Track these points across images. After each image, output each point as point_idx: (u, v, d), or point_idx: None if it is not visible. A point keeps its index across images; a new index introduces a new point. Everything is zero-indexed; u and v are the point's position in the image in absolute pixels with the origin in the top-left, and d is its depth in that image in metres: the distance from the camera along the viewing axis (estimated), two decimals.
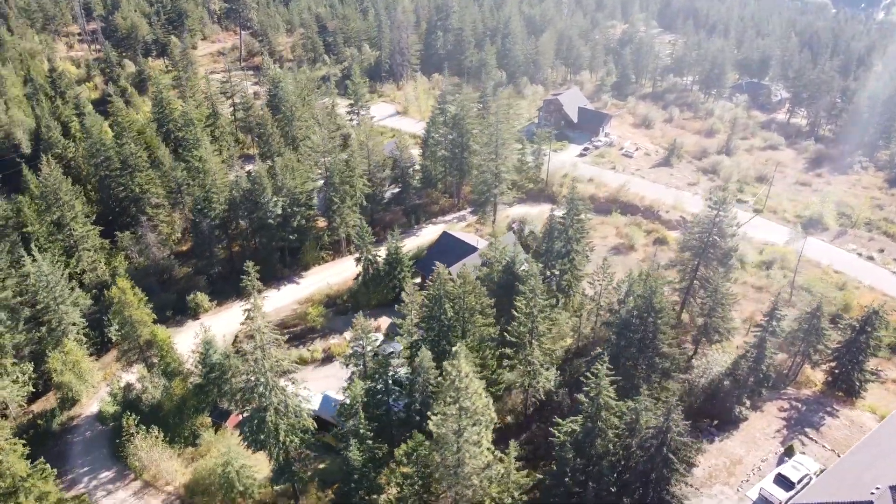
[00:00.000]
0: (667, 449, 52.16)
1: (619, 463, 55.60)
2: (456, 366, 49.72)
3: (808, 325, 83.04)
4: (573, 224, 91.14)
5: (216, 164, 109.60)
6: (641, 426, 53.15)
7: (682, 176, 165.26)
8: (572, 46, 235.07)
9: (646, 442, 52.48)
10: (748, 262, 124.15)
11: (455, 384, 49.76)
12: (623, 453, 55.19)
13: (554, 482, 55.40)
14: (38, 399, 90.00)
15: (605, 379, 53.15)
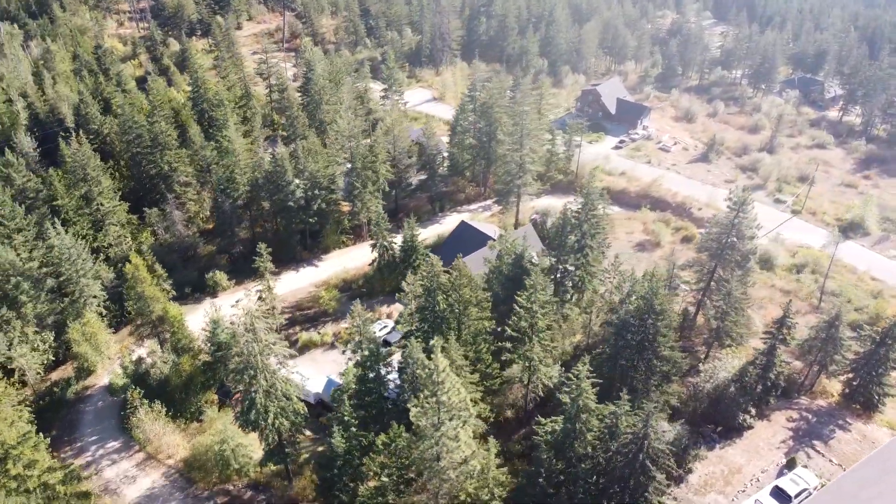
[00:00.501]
0: (644, 456, 50.96)
1: (597, 467, 54.61)
2: (434, 360, 49.36)
3: (825, 333, 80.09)
4: (588, 218, 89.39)
5: (241, 145, 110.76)
6: (620, 430, 52.03)
7: (719, 173, 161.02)
8: (618, 36, 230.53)
9: (624, 447, 51.37)
10: (778, 264, 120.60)
11: (433, 378, 49.43)
12: (603, 457, 54.17)
13: (528, 482, 54.78)
14: (58, 367, 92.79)
15: (586, 381, 52.12)
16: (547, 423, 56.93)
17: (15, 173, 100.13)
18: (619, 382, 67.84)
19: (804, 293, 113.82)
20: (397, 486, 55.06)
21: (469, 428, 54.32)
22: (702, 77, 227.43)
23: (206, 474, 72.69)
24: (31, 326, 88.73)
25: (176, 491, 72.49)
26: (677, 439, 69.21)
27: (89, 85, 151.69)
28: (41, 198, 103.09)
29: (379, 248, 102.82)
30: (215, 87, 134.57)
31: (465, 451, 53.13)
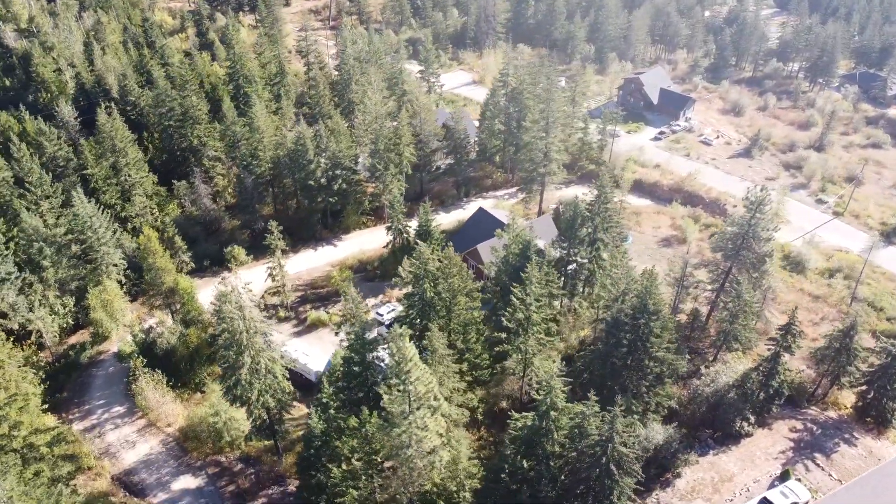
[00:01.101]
0: (607, 458, 49.85)
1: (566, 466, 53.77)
2: (401, 348, 49.19)
3: (839, 342, 77.01)
4: (601, 211, 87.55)
5: (265, 122, 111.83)
6: (587, 431, 50.97)
7: (760, 169, 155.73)
8: (669, 23, 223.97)
9: (590, 448, 50.34)
10: (810, 267, 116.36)
11: (400, 367, 49.32)
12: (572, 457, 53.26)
13: (491, 477, 54.27)
14: (77, 332, 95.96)
15: (556, 378, 51.16)
16: (519, 419, 56.28)
17: (46, 142, 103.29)
18: (611, 381, 66.56)
19: (834, 299, 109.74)
20: (367, 470, 55.31)
21: (439, 418, 54.09)
22: (756, 69, 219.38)
23: (200, 444, 74.55)
24: (52, 291, 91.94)
25: (171, 459, 74.51)
26: (667, 442, 67.83)
27: (133, 57, 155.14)
28: (71, 167, 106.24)
29: (394, 231, 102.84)
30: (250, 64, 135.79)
31: (434, 440, 53.01)
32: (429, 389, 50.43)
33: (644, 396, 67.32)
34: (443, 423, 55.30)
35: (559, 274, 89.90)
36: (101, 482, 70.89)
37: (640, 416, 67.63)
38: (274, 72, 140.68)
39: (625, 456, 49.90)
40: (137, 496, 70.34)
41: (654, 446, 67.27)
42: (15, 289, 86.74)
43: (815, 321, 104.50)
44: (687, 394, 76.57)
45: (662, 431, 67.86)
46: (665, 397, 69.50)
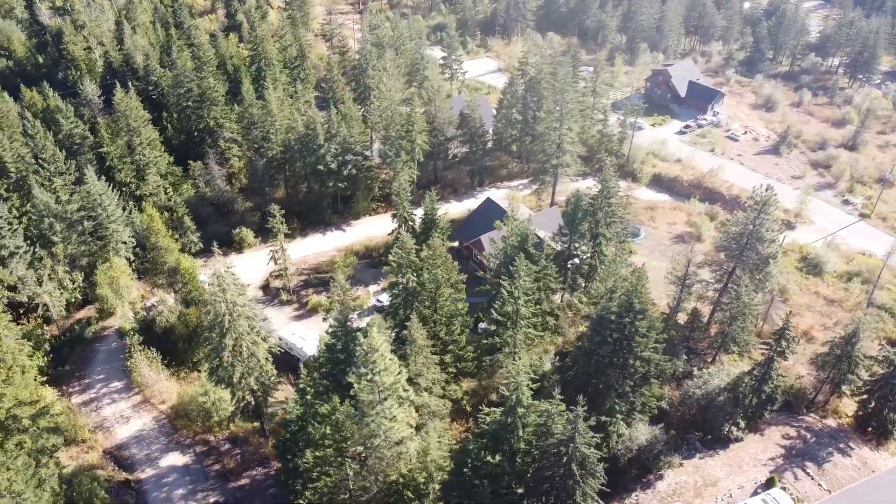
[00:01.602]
0: (568, 459, 49.16)
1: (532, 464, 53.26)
2: (370, 339, 49.15)
3: (840, 350, 74.90)
4: (604, 206, 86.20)
5: (277, 106, 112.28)
6: (550, 430, 50.31)
7: (787, 167, 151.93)
8: (705, 14, 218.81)
9: (552, 448, 49.72)
10: (828, 270, 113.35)
11: (367, 356, 49.30)
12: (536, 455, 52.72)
13: (454, 471, 53.98)
14: (85, 307, 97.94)
15: (523, 374, 50.55)
16: (488, 414, 55.87)
17: (63, 119, 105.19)
18: (595, 379, 65.74)
19: (850, 303, 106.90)
20: (336, 458, 55.56)
21: (408, 409, 54.02)
22: (793, 63, 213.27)
23: (190, 423, 75.69)
24: (62, 266, 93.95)
25: (162, 436, 75.86)
26: (651, 443, 66.88)
27: (161, 37, 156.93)
28: (87, 144, 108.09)
29: (399, 218, 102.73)
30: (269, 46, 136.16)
31: (403, 431, 52.98)
32: (396, 381, 50.34)
33: (629, 396, 66.30)
34: (413, 415, 55.25)
35: (561, 268, 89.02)
36: (93, 455, 72.49)
37: (625, 415, 66.77)
38: (294, 55, 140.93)
39: (588, 457, 49.19)
40: (126, 471, 71.82)
41: (638, 446, 66.43)
42: (24, 263, 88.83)
43: (828, 326, 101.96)
44: (678, 395, 75.27)
45: (646, 432, 66.95)
46: (652, 398, 68.39)
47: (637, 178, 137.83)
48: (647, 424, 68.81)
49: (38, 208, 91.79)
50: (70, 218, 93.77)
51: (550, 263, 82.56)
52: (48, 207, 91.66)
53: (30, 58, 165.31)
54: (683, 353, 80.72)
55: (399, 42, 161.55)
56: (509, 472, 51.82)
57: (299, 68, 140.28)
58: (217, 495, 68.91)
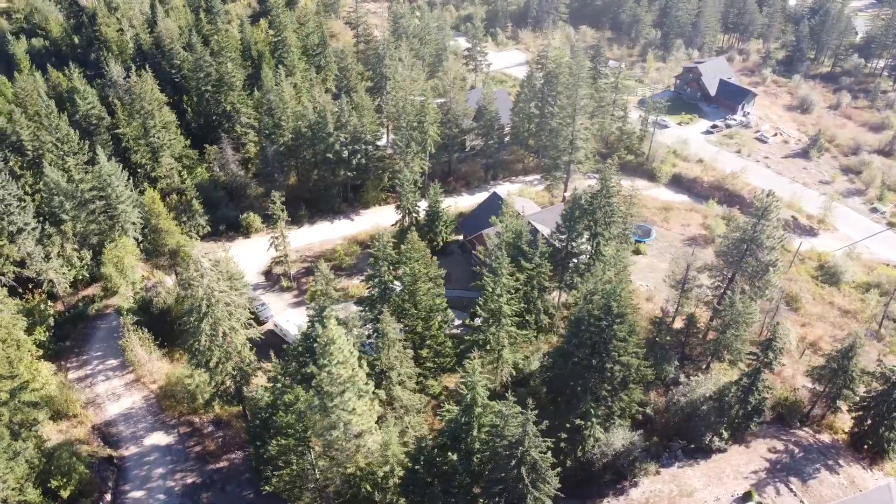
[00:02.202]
0: (517, 462, 48.37)
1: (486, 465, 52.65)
2: (326, 331, 49.10)
3: (836, 364, 72.50)
4: (602, 206, 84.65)
5: (290, 93, 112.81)
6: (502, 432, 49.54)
7: (816, 172, 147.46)
8: (745, 11, 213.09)
9: (504, 450, 48.98)
10: (846, 280, 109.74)
11: (325, 348, 49.30)
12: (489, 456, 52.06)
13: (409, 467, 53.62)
14: (92, 285, 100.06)
15: (478, 373, 49.86)
16: (448, 412, 55.40)
17: (80, 100, 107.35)
18: (572, 381, 64.78)
19: (866, 315, 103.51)
20: (298, 447, 55.86)
21: (370, 402, 53.93)
22: (835, 64, 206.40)
23: (176, 403, 76.87)
24: (70, 243, 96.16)
25: (149, 415, 77.23)
26: (627, 449, 65.70)
27: (190, 21, 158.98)
28: (104, 125, 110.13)
29: (403, 210, 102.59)
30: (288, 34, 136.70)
31: (362, 424, 52.93)
32: (353, 374, 50.21)
33: (607, 400, 65.18)
34: (377, 408, 55.18)
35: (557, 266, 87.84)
36: (81, 430, 74.16)
37: (603, 420, 65.70)
38: (316, 42, 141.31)
39: (537, 462, 48.33)
40: (111, 447, 73.31)
41: (613, 452, 65.36)
42: (33, 239, 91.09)
43: (839, 338, 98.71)
44: (664, 402, 73.79)
45: (622, 437, 65.73)
46: (632, 403, 67.10)
47: (656, 178, 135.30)
48: (627, 430, 67.59)
49: (49, 186, 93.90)
50: (80, 197, 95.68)
51: (545, 261, 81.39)
52: (58, 186, 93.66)
53: (65, 38, 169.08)
54: (676, 359, 79.03)
55: (424, 32, 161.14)
56: (461, 472, 51.38)
57: (321, 56, 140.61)
58: (195, 476, 69.92)
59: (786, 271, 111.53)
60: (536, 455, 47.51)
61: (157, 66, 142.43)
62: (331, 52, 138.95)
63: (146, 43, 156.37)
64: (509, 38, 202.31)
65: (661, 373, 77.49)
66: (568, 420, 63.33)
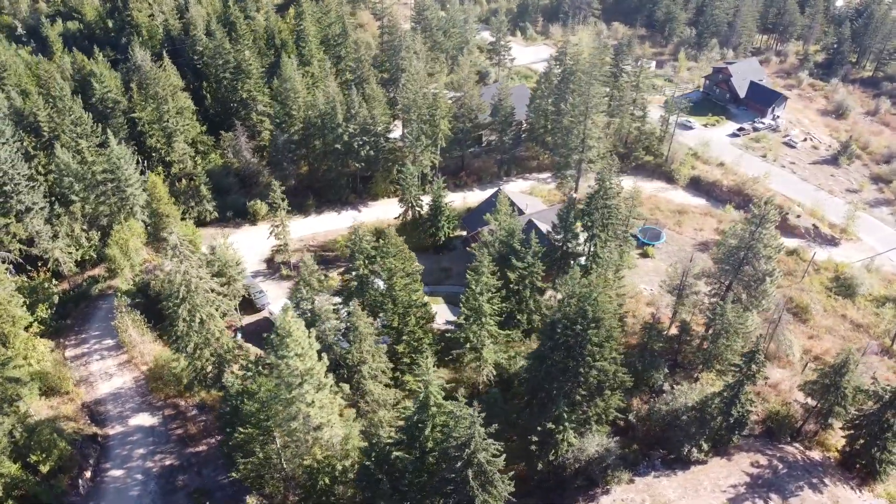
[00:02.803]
0: (463, 464, 47.67)
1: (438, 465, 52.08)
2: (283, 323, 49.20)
3: (829, 379, 70.17)
4: (600, 207, 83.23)
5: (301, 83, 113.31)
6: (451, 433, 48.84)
7: (844, 180, 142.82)
8: (785, 11, 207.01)
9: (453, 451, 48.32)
10: (862, 292, 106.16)
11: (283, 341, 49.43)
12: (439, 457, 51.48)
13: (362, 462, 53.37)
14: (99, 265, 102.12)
15: (431, 373, 49.31)
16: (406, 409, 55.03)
17: (97, 83, 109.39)
18: (547, 385, 63.92)
19: (879, 330, 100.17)
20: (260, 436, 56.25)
21: (330, 395, 53.96)
22: (877, 68, 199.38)
23: (163, 386, 78.00)
24: (79, 224, 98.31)
25: (137, 395, 78.58)
26: (600, 455, 64.60)
27: (218, 8, 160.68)
28: (120, 109, 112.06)
29: (406, 204, 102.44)
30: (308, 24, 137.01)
31: (322, 417, 52.99)
32: (310, 367, 50.22)
33: (582, 405, 64.16)
34: (339, 402, 55.23)
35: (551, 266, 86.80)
36: (71, 407, 75.85)
37: (579, 424, 64.71)
38: (337, 32, 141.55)
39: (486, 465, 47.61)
40: (98, 425, 74.82)
41: (587, 457, 64.34)
42: (41, 218, 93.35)
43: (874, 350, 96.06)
44: (646, 410, 72.39)
45: (596, 443, 64.61)
46: (609, 409, 65.92)
47: (674, 180, 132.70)
48: (605, 436, 66.47)
49: (59, 168, 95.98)
50: (90, 179, 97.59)
51: (538, 261, 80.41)
52: (68, 167, 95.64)
53: (99, 22, 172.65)
54: (665, 367, 77.40)
55: (449, 25, 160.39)
56: (410, 470, 51.03)
57: (341, 46, 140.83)
58: (173, 459, 70.95)
59: (798, 281, 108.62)
60: (483, 458, 46.86)
61: (182, 53, 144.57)
62: (350, 42, 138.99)
63: (175, 29, 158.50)
64: (539, 33, 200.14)
65: (649, 379, 76.13)
66: (540, 423, 62.46)
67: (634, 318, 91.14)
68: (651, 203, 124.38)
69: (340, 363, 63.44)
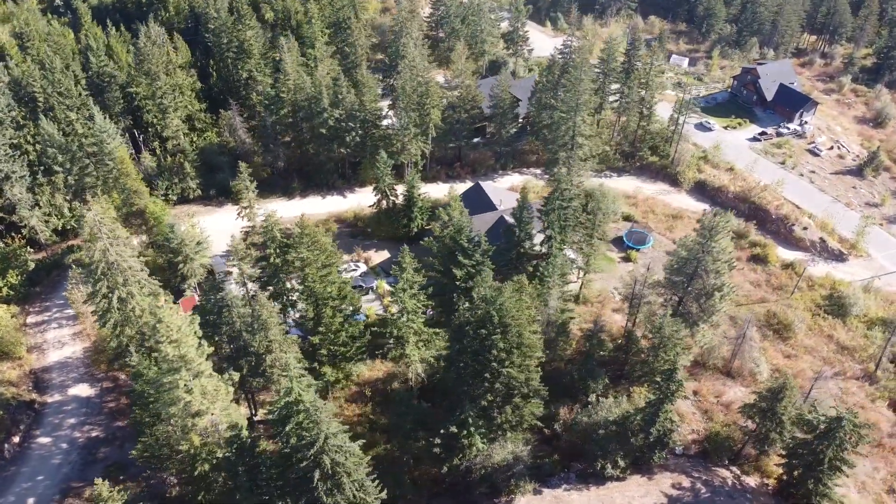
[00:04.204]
0: (310, 465, 46.56)
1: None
2: (158, 312, 49.18)
3: (766, 404, 66.63)
4: (557, 207, 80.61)
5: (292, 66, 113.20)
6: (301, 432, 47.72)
7: (866, 192, 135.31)
8: (835, 11, 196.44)
9: (303, 448, 47.26)
10: (855, 313, 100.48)
11: (155, 328, 49.46)
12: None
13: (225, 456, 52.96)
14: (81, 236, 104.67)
15: (294, 370, 48.33)
16: (276, 403, 54.28)
17: (93, 57, 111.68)
18: (456, 387, 62.47)
19: (866, 354, 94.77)
20: (146, 418, 56.80)
21: (214, 382, 53.85)
22: None
23: (104, 359, 79.53)
24: (62, 194, 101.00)
25: (82, 367, 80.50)
26: (507, 463, 62.84)
27: None
28: (117, 83, 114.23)
29: (379, 192, 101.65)
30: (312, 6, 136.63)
31: (204, 404, 52.97)
32: (183, 353, 50.12)
33: (491, 411, 62.47)
34: (222, 389, 55.13)
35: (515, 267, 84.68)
36: (16, 373, 78.20)
37: (489, 430, 63.08)
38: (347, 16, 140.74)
39: (339, 465, 46.37)
40: (39, 392, 77.02)
41: (493, 464, 62.70)
42: (22, 187, 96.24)
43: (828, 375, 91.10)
44: (569, 421, 70.11)
45: (508, 451, 62.88)
46: (525, 417, 64.01)
47: (679, 183, 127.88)
48: (520, 443, 64.63)
49: (44, 138, 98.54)
50: (75, 151, 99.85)
51: (487, 259, 78.49)
52: (52, 138, 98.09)
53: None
54: (606, 377, 74.68)
55: (469, 12, 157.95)
56: (268, 465, 50.40)
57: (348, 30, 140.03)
58: (100, 431, 72.45)
59: (787, 297, 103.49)
60: (330, 459, 45.77)
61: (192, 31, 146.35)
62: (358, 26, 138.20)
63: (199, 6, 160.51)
64: (571, 24, 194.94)
65: (587, 389, 73.71)
66: (443, 426, 61.14)
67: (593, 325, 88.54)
68: (647, 206, 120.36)
69: (247, 352, 63.33)
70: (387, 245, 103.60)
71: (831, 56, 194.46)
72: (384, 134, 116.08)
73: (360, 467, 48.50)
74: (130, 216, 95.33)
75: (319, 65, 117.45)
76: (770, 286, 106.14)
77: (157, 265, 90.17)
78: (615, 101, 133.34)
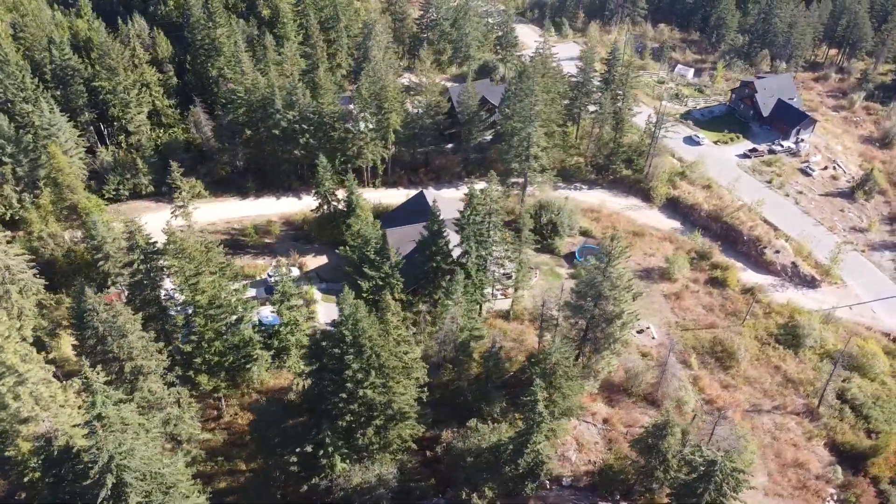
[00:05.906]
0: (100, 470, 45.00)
1: None
2: None
3: (651, 440, 63.24)
4: (472, 223, 78.17)
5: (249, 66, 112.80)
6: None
7: (854, 216, 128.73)
8: (855, 24, 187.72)
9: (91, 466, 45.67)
10: (808, 344, 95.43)
11: None
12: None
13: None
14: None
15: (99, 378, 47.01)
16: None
17: (56, 51, 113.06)
18: (317, 404, 60.85)
19: (811, 389, 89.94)
20: None
21: (53, 390, 53.37)
22: None
23: None
24: (9, 185, 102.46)
25: None
26: (369, 486, 60.83)
27: None
28: (82, 76, 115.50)
29: (320, 197, 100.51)
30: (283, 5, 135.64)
31: (34, 411, 52.49)
32: (3, 360, 49.66)
33: (352, 431, 60.60)
34: (67, 397, 54.59)
35: (431, 282, 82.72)
36: None
37: (353, 451, 61.27)
38: (330, 15, 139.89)
39: (129, 484, 44.84)
40: None
41: (354, 486, 60.80)
42: None
43: (764, 409, 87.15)
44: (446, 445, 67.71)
45: (372, 473, 60.87)
46: (395, 439, 61.97)
47: (651, 199, 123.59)
48: (393, 465, 62.66)
49: None
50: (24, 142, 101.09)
51: (395, 271, 76.64)
52: (1, 129, 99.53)
53: None
54: (503, 399, 72.02)
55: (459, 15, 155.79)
56: (69, 478, 49.45)
57: (332, 30, 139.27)
58: None
59: (738, 324, 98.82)
60: (111, 479, 44.20)
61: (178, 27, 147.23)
62: (342, 27, 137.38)
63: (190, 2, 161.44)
64: (576, 31, 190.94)
65: (481, 411, 71.22)
66: (300, 445, 59.57)
67: (519, 345, 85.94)
68: (609, 221, 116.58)
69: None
70: (325, 249, 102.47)
71: (848, 71, 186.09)
72: (342, 137, 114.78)
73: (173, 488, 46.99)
74: (64, 211, 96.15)
75: (285, 64, 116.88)
76: (724, 311, 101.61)
77: (84, 261, 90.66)
78: (593, 113, 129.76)
